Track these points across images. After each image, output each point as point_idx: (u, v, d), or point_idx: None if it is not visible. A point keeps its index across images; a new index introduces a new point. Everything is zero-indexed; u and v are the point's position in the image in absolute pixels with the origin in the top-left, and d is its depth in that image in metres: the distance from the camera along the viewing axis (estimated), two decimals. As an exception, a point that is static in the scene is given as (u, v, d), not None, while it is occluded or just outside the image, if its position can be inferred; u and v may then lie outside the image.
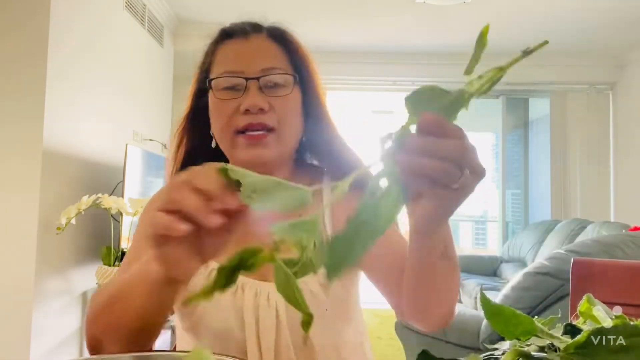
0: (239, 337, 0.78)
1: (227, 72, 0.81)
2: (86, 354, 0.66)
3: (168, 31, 4.12)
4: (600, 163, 5.04)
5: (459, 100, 0.44)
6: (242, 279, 0.79)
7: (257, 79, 0.80)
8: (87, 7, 2.75)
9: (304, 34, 0.90)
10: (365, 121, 7.06)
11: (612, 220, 4.79)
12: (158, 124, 3.83)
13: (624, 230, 3.10)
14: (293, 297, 0.37)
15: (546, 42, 0.43)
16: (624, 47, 4.74)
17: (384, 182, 0.42)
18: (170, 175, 0.94)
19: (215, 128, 0.83)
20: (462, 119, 0.47)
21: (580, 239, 3.45)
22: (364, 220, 0.39)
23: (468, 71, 0.44)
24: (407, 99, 0.43)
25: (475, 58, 0.42)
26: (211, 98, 0.83)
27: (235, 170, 0.41)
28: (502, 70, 0.43)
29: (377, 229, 0.39)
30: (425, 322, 0.73)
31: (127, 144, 2.80)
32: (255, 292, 0.79)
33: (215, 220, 0.47)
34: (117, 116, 3.16)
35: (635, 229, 3.06)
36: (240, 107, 0.79)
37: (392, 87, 5.23)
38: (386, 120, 7.26)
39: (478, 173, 0.48)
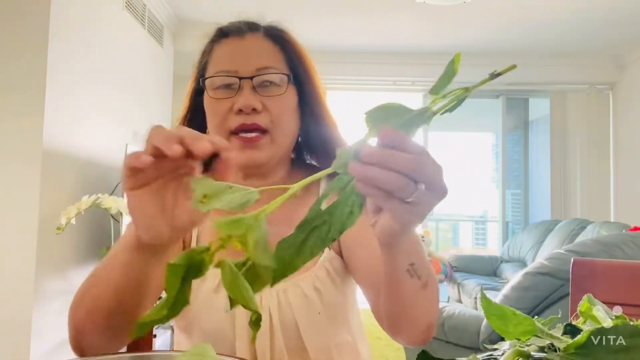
0: (230, 337, 0.78)
1: (221, 71, 0.81)
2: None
3: (168, 31, 4.12)
4: (600, 163, 5.04)
5: (421, 117, 0.45)
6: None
7: (251, 78, 0.79)
8: (87, 7, 2.75)
9: (304, 34, 0.90)
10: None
11: (612, 220, 4.79)
12: (158, 124, 3.82)
13: (624, 230, 3.10)
14: (241, 296, 0.37)
15: (514, 66, 0.45)
16: (624, 47, 4.74)
17: (341, 190, 0.43)
18: None
19: (210, 128, 0.83)
20: (462, 119, 0.48)
21: (580, 239, 3.45)
22: (315, 226, 0.40)
23: (433, 91, 0.45)
24: (367, 113, 0.44)
25: (442, 82, 0.43)
26: (206, 97, 0.83)
27: (228, 222, 0.39)
28: (467, 90, 0.44)
29: (328, 236, 0.40)
30: (399, 337, 0.72)
31: (127, 144, 2.80)
32: None
33: (176, 148, 0.48)
34: (117, 116, 3.16)
35: (635, 229, 3.06)
36: (233, 107, 0.78)
37: (392, 87, 5.23)
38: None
39: (436, 190, 0.48)
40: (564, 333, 0.45)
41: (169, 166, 0.52)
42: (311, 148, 0.90)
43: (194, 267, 0.39)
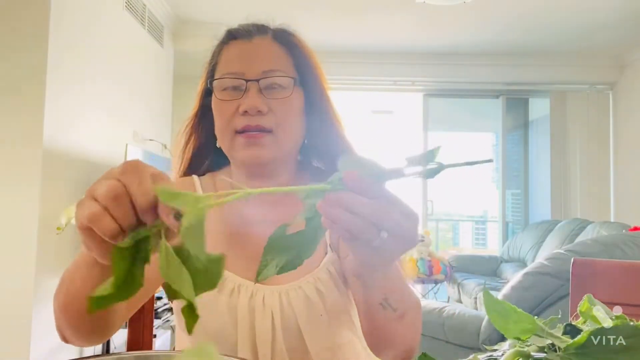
0: (232, 337, 0.78)
1: (228, 73, 0.82)
2: (86, 353, 0.66)
3: (168, 31, 4.12)
4: (600, 163, 5.04)
5: (392, 174, 0.46)
6: (238, 280, 0.80)
7: (257, 80, 0.80)
8: (87, 7, 2.75)
9: (304, 34, 0.90)
10: (365, 121, 7.06)
11: (612, 220, 4.79)
12: (158, 124, 3.83)
13: (624, 230, 3.10)
14: (177, 281, 0.36)
15: (490, 160, 0.47)
16: (624, 47, 4.74)
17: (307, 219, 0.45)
18: (177, 173, 0.95)
19: (217, 127, 0.84)
20: (462, 119, 0.48)
21: (580, 239, 3.45)
22: (279, 250, 0.42)
23: (410, 162, 0.46)
24: (342, 161, 0.47)
25: (420, 160, 0.45)
26: (213, 98, 0.84)
27: (170, 193, 0.37)
28: (442, 166, 0.46)
29: (288, 263, 0.42)
30: (379, 356, 0.74)
31: (127, 144, 2.80)
32: (251, 294, 0.79)
33: (119, 239, 0.43)
34: (117, 116, 3.16)
35: (635, 229, 3.06)
36: (239, 108, 0.80)
37: (392, 87, 5.23)
38: (386, 120, 7.27)
39: (401, 239, 0.48)
40: (564, 333, 0.45)
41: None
42: (317, 150, 0.91)
43: (141, 249, 0.39)
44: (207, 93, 0.88)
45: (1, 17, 2.34)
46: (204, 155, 0.93)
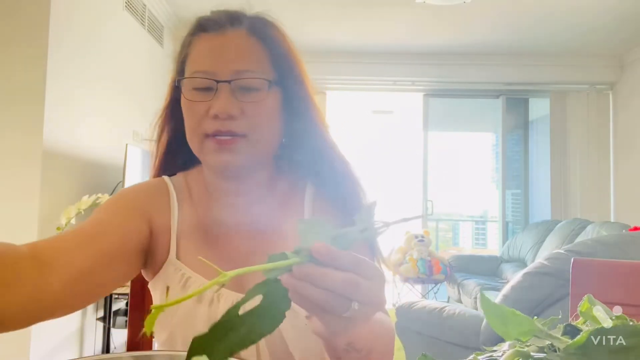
0: None
1: (198, 72, 0.76)
2: (86, 353, 0.66)
3: (168, 31, 4.12)
4: (600, 163, 5.04)
5: (346, 238, 0.46)
6: (219, 290, 0.75)
7: (229, 82, 0.74)
8: (87, 7, 2.75)
9: (304, 34, 0.88)
10: (365, 121, 7.06)
11: (612, 220, 4.79)
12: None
13: (624, 230, 3.10)
14: None
15: (420, 216, 0.50)
16: (624, 47, 4.74)
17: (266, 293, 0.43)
18: (153, 167, 0.90)
19: (186, 128, 0.78)
20: (462, 119, 0.48)
21: (580, 239, 3.45)
22: (231, 328, 0.39)
23: (358, 218, 0.47)
24: (299, 223, 0.46)
25: (367, 217, 0.46)
26: (182, 97, 0.78)
27: None
28: (387, 225, 0.46)
29: (247, 338, 0.39)
30: None
31: (127, 144, 2.80)
32: (231, 303, 0.76)
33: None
34: (117, 116, 3.16)
35: (635, 229, 3.06)
36: (209, 111, 0.74)
37: (392, 87, 5.23)
38: (386, 120, 7.27)
39: (371, 305, 0.48)
40: (564, 333, 0.45)
41: None
42: (294, 150, 0.85)
43: None
44: (177, 86, 0.82)
45: (2, 16, 2.34)
46: (177, 151, 0.87)
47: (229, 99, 0.73)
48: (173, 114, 0.85)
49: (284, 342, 0.75)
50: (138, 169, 2.94)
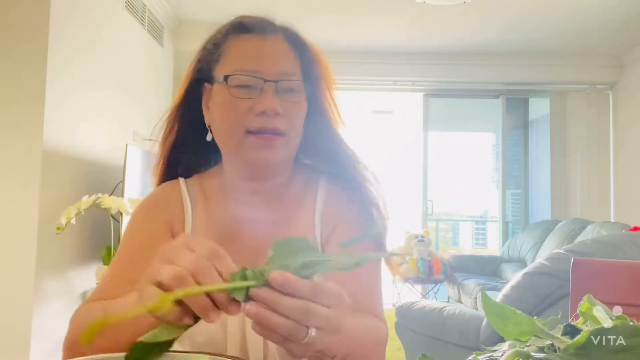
0: (221, 346, 0.77)
1: (244, 70, 0.78)
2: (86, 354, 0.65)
3: (168, 31, 4.12)
4: (600, 163, 5.04)
5: (318, 264, 0.48)
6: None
7: (275, 82, 0.77)
8: (87, 7, 2.75)
9: (304, 35, 0.89)
10: (365, 121, 7.06)
11: (612, 220, 4.79)
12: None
13: (624, 230, 3.10)
14: None
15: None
16: (624, 47, 4.74)
17: None
18: (156, 165, 0.91)
19: (223, 125, 0.80)
20: (462, 119, 0.47)
21: (580, 239, 3.45)
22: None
23: (344, 244, 0.50)
24: (273, 245, 0.48)
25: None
26: (222, 94, 0.79)
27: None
28: (358, 263, 0.48)
29: None
30: None
31: (127, 144, 2.80)
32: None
33: (214, 318, 0.48)
34: (117, 116, 3.16)
35: (635, 229, 3.06)
36: (254, 108, 0.77)
37: (392, 87, 5.23)
38: (386, 120, 7.27)
39: (329, 332, 0.49)
40: (564, 333, 0.45)
41: None
42: (308, 149, 0.89)
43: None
44: (197, 83, 0.84)
45: (2, 16, 2.34)
46: (184, 151, 0.89)
47: (275, 97, 0.77)
48: (186, 111, 0.86)
49: None
50: (138, 169, 2.94)
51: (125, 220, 2.68)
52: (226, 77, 0.78)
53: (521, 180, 5.68)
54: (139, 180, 2.94)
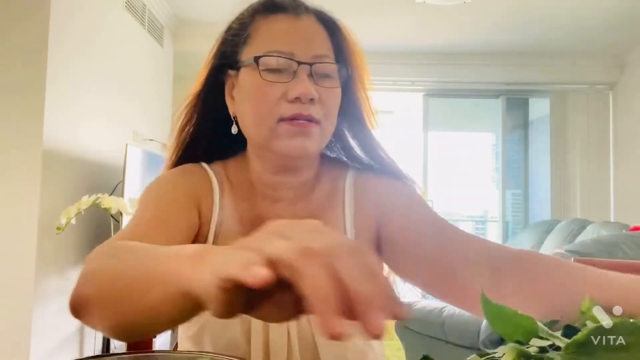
0: (244, 351, 0.73)
1: (275, 51, 0.70)
2: (86, 353, 0.65)
3: (168, 31, 4.12)
4: (600, 163, 5.04)
5: None
6: None
7: (310, 64, 0.70)
8: (86, 7, 2.75)
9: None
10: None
11: (612, 220, 4.79)
12: (158, 124, 3.83)
13: (624, 230, 3.10)
14: None
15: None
16: (624, 47, 4.74)
17: None
18: (169, 158, 0.84)
19: (252, 113, 0.72)
20: (462, 119, 0.47)
21: (580, 239, 3.45)
22: None
23: None
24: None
25: None
26: (251, 78, 0.72)
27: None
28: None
29: None
30: None
31: (127, 144, 2.80)
32: None
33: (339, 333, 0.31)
34: (117, 116, 3.16)
35: (635, 229, 3.06)
36: (288, 94, 0.69)
37: (392, 87, 5.23)
38: (386, 120, 7.27)
39: None
40: (563, 335, 0.45)
41: None
42: (344, 145, 0.85)
43: None
44: (219, 69, 0.77)
45: (2, 16, 2.34)
46: (202, 143, 0.82)
47: (309, 82, 0.70)
48: (207, 100, 0.79)
49: (316, 347, 0.74)
50: (138, 169, 2.94)
51: (125, 220, 2.68)
52: (257, 59, 0.71)
53: (521, 180, 5.68)
54: (139, 180, 2.94)
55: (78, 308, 0.55)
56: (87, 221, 2.62)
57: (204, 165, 0.81)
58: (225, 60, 0.76)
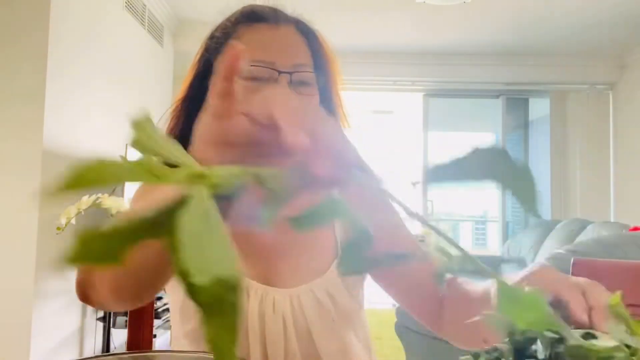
0: (243, 343, 0.75)
1: (257, 60, 0.73)
2: (86, 354, 0.65)
3: (168, 31, 4.12)
4: (600, 163, 5.04)
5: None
6: (247, 281, 0.76)
7: (290, 73, 0.73)
8: (87, 7, 2.75)
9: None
10: (365, 121, 7.06)
11: (612, 220, 4.79)
12: (158, 124, 3.83)
13: (624, 230, 3.10)
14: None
15: None
16: (624, 47, 4.74)
17: None
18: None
19: None
20: (462, 119, 0.46)
21: (580, 239, 3.45)
22: None
23: None
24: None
25: None
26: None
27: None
28: None
29: None
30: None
31: (127, 144, 2.80)
32: (261, 298, 0.76)
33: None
34: (117, 116, 3.16)
35: (635, 229, 3.06)
36: None
37: (392, 87, 5.23)
38: (386, 120, 7.27)
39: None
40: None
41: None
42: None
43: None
44: (203, 75, 0.79)
45: (2, 16, 2.34)
46: (186, 147, 0.86)
47: (290, 90, 0.72)
48: (192, 105, 0.81)
49: (312, 339, 0.76)
50: (138, 169, 2.94)
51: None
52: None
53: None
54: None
55: (83, 282, 0.60)
56: (87, 221, 2.62)
57: None
58: (209, 68, 0.77)
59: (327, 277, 0.78)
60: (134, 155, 0.28)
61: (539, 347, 0.38)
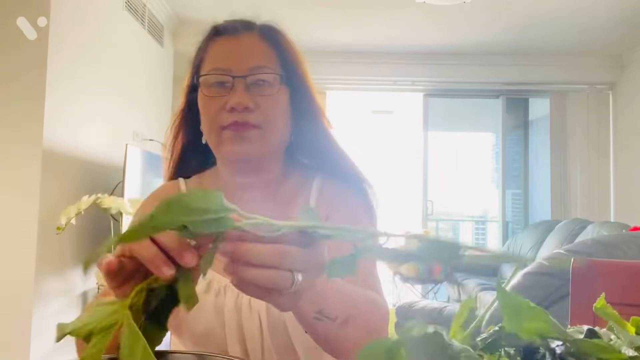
0: (220, 337, 0.78)
1: (215, 69, 0.82)
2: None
3: (168, 31, 4.12)
4: (600, 163, 5.04)
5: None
6: (224, 280, 0.79)
7: (244, 77, 0.80)
8: (87, 8, 2.75)
9: (304, 35, 0.89)
10: (365, 121, 7.06)
11: (612, 220, 4.79)
12: (158, 124, 3.83)
13: (624, 230, 3.10)
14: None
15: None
16: (624, 47, 4.74)
17: None
18: (166, 171, 0.95)
19: (203, 124, 0.83)
20: (462, 119, 0.46)
21: (580, 239, 3.45)
22: None
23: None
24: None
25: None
26: (200, 95, 0.83)
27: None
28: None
29: None
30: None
31: (127, 144, 2.80)
32: (237, 294, 0.79)
33: (168, 272, 0.43)
34: (117, 116, 3.16)
35: (635, 229, 3.06)
36: (226, 105, 0.79)
37: (392, 87, 5.23)
38: (386, 120, 7.26)
39: (313, 272, 0.46)
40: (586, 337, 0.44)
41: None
42: (301, 147, 0.91)
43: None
44: (193, 89, 0.87)
45: (2, 17, 2.34)
46: (192, 154, 0.92)
47: (244, 93, 0.79)
48: (189, 117, 0.89)
49: (288, 334, 0.77)
50: (138, 169, 2.94)
51: (126, 220, 2.68)
52: (197, 78, 0.83)
53: (521, 180, 5.68)
54: (139, 180, 2.94)
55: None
56: (87, 221, 2.62)
57: (180, 180, 0.92)
58: (195, 82, 0.86)
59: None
60: (133, 155, 0.28)
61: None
